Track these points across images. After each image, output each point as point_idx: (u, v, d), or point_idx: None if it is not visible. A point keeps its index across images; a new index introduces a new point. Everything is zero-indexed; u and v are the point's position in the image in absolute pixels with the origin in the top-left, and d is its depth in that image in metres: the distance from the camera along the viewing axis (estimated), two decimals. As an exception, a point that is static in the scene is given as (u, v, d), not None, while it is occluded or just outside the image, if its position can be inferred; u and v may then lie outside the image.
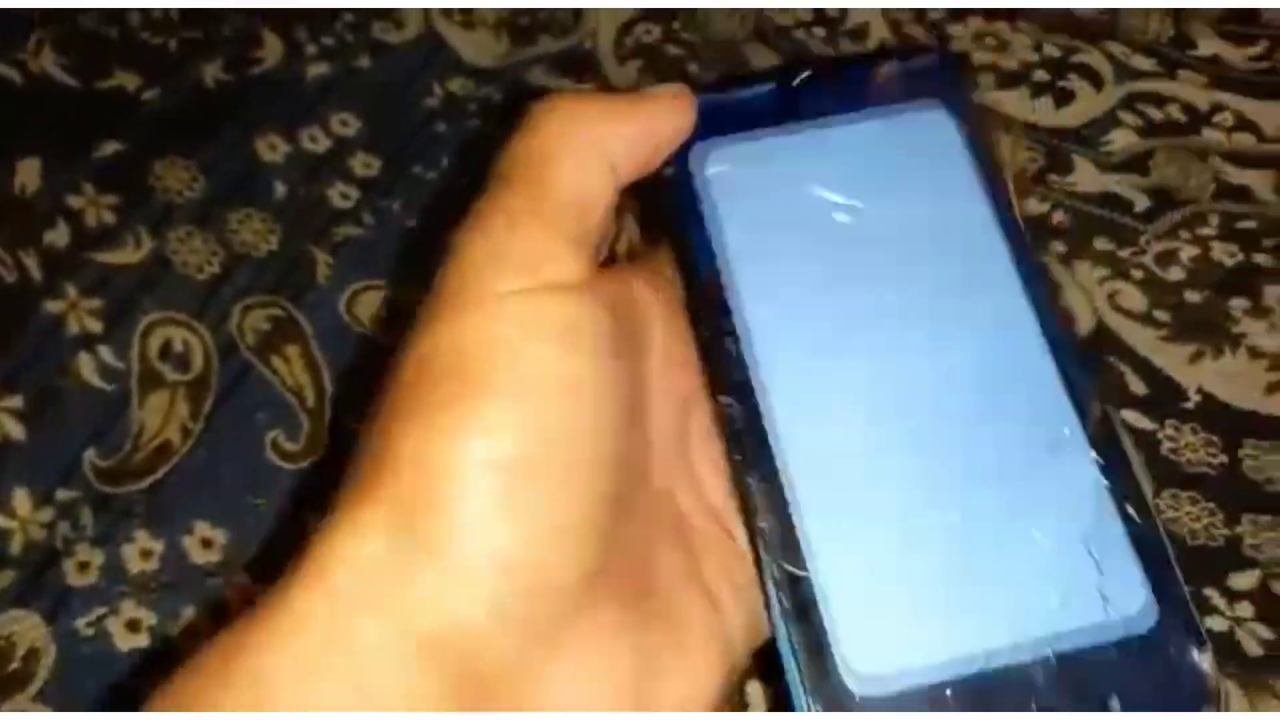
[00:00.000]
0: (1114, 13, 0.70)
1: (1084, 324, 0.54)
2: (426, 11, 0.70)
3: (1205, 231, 0.59)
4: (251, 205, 0.58)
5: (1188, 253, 0.58)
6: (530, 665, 0.19)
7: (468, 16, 0.71)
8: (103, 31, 0.65)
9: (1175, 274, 0.57)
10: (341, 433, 0.49)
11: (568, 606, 0.19)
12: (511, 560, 0.18)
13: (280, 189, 0.59)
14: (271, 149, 0.61)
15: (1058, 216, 0.59)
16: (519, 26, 0.71)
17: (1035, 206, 0.59)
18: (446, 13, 0.70)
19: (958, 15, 0.70)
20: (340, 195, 0.59)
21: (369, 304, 0.54)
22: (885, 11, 0.70)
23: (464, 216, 0.22)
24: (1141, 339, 0.54)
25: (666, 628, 0.21)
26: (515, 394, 0.19)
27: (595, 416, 0.20)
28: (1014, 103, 0.65)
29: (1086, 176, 0.61)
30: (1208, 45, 0.68)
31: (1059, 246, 0.58)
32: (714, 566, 0.23)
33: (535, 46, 0.69)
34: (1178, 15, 0.69)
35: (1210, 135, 0.63)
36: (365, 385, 0.22)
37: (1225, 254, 0.58)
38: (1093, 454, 0.22)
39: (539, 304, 0.20)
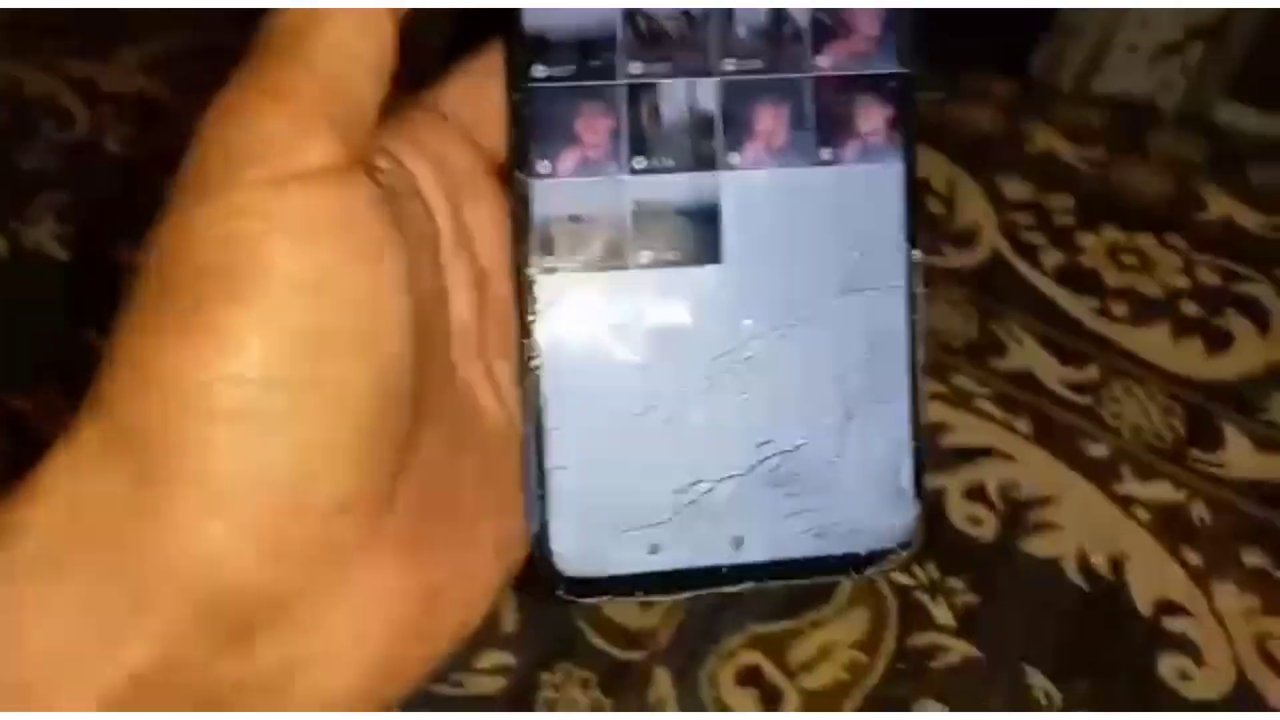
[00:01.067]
0: (1293, 228, 0.56)
1: (1219, 683, 0.41)
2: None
3: (1402, 552, 0.44)
4: None
5: (1376, 583, 0.43)
6: (302, 594, 0.18)
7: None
8: None
9: (1357, 614, 0.42)
10: None
11: (345, 530, 0.18)
12: (266, 485, 0.17)
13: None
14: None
15: (1195, 512, 0.46)
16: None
17: (1165, 492, 0.47)
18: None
19: (1091, 224, 0.58)
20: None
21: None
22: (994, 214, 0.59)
23: (225, 87, 0.19)
24: (1299, 712, 0.40)
25: (460, 546, 0.21)
26: (258, 299, 0.17)
27: (358, 318, 0.18)
28: (1151, 342, 0.52)
29: (1240, 455, 0.48)
30: None
31: (1191, 556, 0.44)
32: (509, 467, 0.22)
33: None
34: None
35: None
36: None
37: None
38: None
39: (285, 194, 0.18)
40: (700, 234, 0.23)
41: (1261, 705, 0.40)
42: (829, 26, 0.23)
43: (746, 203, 0.23)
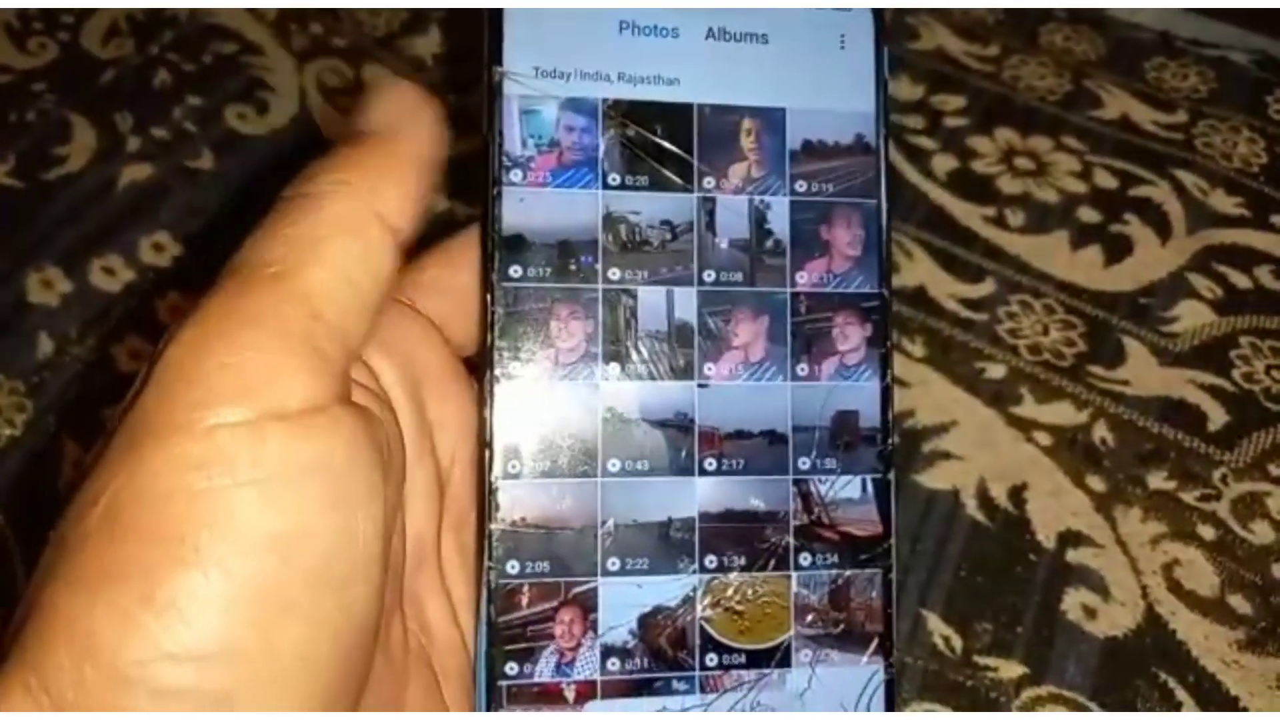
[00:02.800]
0: (1189, 125, 0.53)
1: (1125, 616, 0.38)
2: (301, 86, 0.55)
3: (1307, 466, 0.42)
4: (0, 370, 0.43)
5: (1281, 500, 0.41)
6: None
7: (357, 98, 0.55)
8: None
9: (1263, 535, 0.40)
10: None
11: None
12: None
13: (47, 345, 0.44)
14: (46, 286, 0.46)
15: (1098, 434, 0.43)
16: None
17: (1066, 414, 0.43)
18: (328, 91, 0.55)
19: (984, 125, 0.53)
20: (131, 355, 0.44)
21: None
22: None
23: (194, 310, 0.17)
24: (1207, 644, 0.37)
25: None
26: (217, 563, 0.16)
27: (326, 575, 0.17)
28: (1046, 251, 0.49)
29: (1142, 371, 0.45)
30: (1315, 177, 0.51)
31: (1095, 482, 0.41)
32: (455, 689, 0.22)
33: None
34: (1272, 138, 0.52)
35: (1316, 313, 0.46)
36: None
37: (1335, 506, 0.41)
38: None
39: (262, 440, 0.16)
40: (673, 449, 0.22)
41: (1169, 638, 0.37)
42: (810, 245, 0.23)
43: (720, 412, 0.22)
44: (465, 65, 0.55)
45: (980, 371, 0.44)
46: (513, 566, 0.21)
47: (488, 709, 0.21)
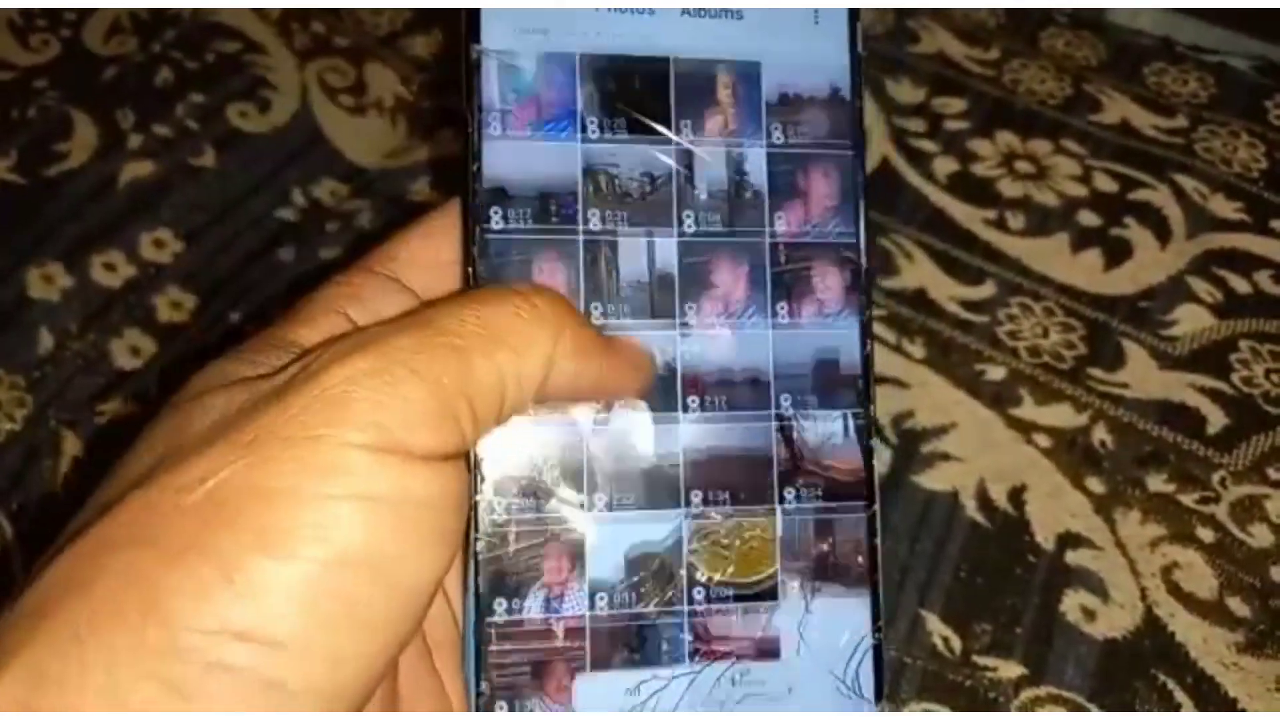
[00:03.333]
0: (1189, 130, 0.53)
1: (1124, 618, 0.38)
2: (303, 84, 0.55)
3: (1306, 470, 0.42)
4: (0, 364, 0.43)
5: (1279, 504, 0.41)
6: None
7: (359, 96, 0.56)
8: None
9: (1262, 538, 0.40)
10: None
11: None
12: None
13: (47, 339, 0.44)
14: (47, 281, 0.46)
15: (1097, 436, 0.43)
16: (420, 111, 0.56)
17: (1066, 416, 0.43)
18: (330, 90, 0.55)
19: (985, 129, 0.53)
20: (130, 351, 0.44)
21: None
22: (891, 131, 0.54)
23: (366, 341, 0.19)
24: (1206, 646, 0.37)
25: None
26: (305, 559, 0.17)
27: (396, 602, 0.18)
28: (1046, 254, 0.49)
29: (1141, 374, 0.45)
30: (1314, 182, 0.51)
31: (1095, 484, 0.41)
32: (446, 659, 0.22)
33: (435, 142, 0.54)
34: (1271, 143, 0.52)
35: (1315, 317, 0.46)
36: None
37: (1334, 509, 0.41)
38: None
39: (374, 463, 0.18)
40: (656, 391, 0.22)
41: (1168, 640, 0.37)
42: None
43: (702, 356, 0.23)
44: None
45: (980, 373, 0.44)
46: (500, 505, 0.22)
47: (477, 652, 0.21)
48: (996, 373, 0.44)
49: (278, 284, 0.47)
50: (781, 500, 0.23)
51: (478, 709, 0.21)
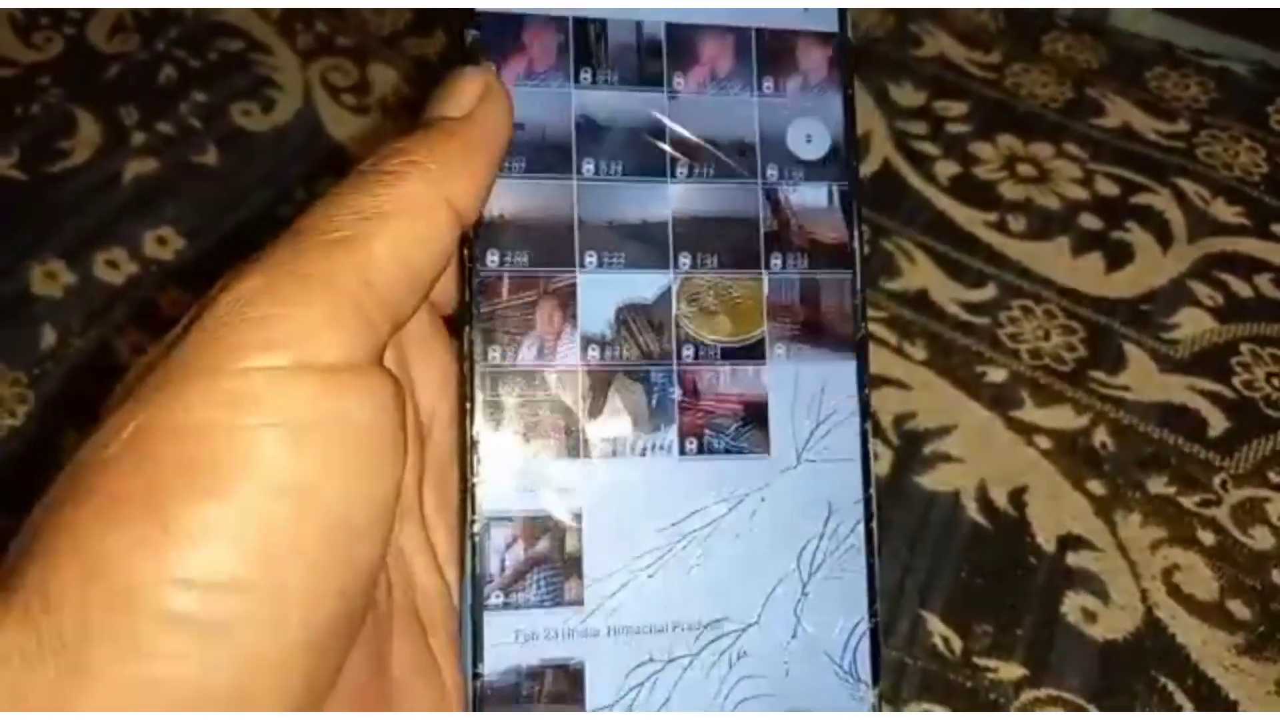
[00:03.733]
0: (1190, 134, 0.53)
1: (1124, 620, 0.38)
2: (306, 83, 0.55)
3: (1306, 473, 0.42)
4: (2, 360, 0.43)
5: (1280, 506, 0.41)
6: None
7: (362, 96, 0.56)
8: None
9: (1263, 540, 0.40)
10: None
11: None
12: (204, 694, 0.16)
13: (50, 336, 0.44)
14: (49, 278, 0.46)
15: (1098, 438, 0.43)
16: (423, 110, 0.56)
17: (1067, 418, 0.43)
18: (333, 89, 0.56)
19: (987, 132, 0.54)
20: (132, 348, 0.44)
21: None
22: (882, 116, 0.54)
23: (252, 261, 0.18)
24: (1206, 648, 0.37)
25: None
26: (234, 498, 0.16)
27: (341, 528, 0.17)
28: (1047, 257, 0.49)
29: (1142, 377, 0.45)
30: (1315, 187, 0.52)
31: (1096, 486, 0.41)
32: (443, 640, 0.22)
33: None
34: (1272, 148, 0.53)
35: (1316, 321, 0.46)
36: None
37: (1334, 512, 0.41)
38: None
39: (295, 384, 0.17)
40: (646, 154, 0.23)
41: (1169, 642, 0.37)
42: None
43: (690, 121, 0.23)
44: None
45: (981, 375, 0.44)
46: (493, 258, 0.22)
47: (475, 631, 0.21)
48: (998, 375, 0.44)
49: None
50: (768, 264, 0.23)
51: (474, 678, 0.21)
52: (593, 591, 0.22)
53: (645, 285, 0.23)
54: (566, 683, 0.22)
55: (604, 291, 0.23)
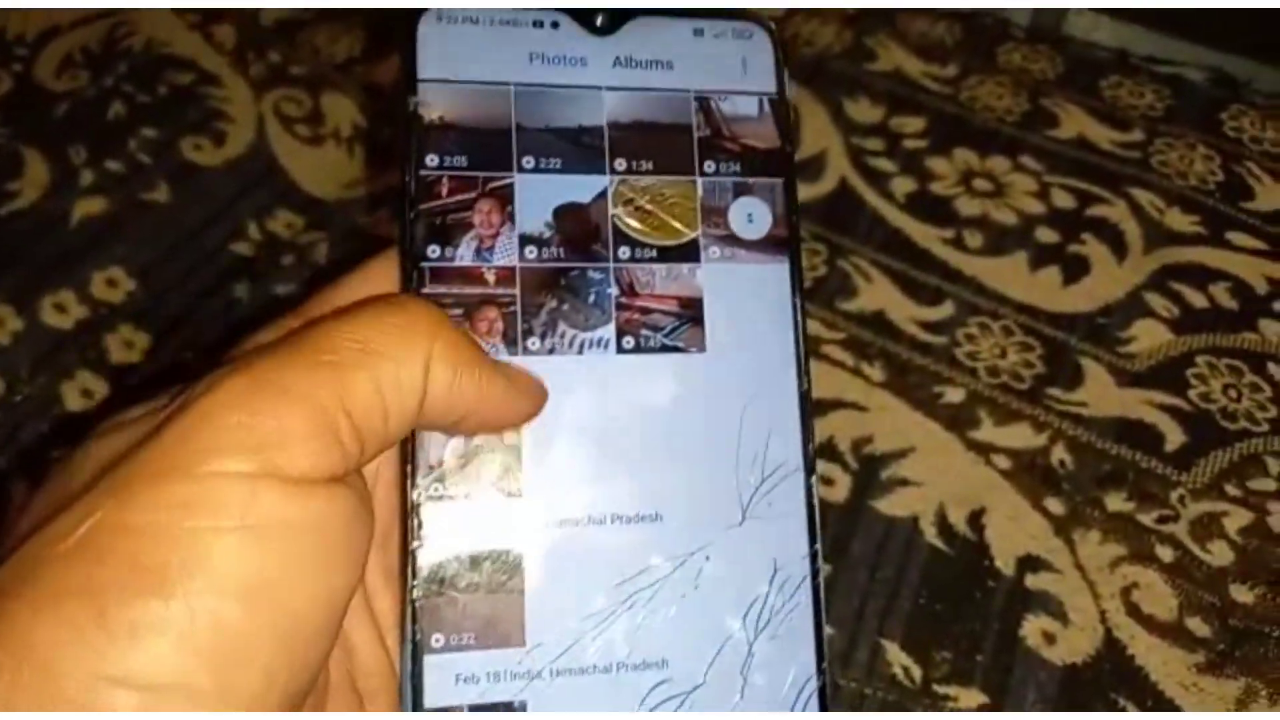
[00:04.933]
0: (1145, 144, 0.53)
1: (1084, 641, 0.38)
2: (259, 114, 0.55)
3: (1264, 485, 0.42)
4: (-52, 411, 0.43)
5: (1238, 520, 0.41)
6: None
7: (316, 126, 0.55)
8: None
9: (1221, 555, 0.40)
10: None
11: None
12: None
13: (-3, 384, 0.44)
14: (-4, 325, 0.46)
15: (1056, 456, 0.43)
16: (378, 139, 0.55)
17: (1025, 437, 0.43)
18: (286, 120, 0.55)
19: (943, 147, 0.53)
20: (82, 393, 0.44)
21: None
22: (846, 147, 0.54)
23: (239, 366, 0.18)
24: (1166, 668, 0.37)
25: None
26: (179, 596, 0.16)
27: (289, 630, 0.17)
28: (1004, 272, 0.49)
29: (1100, 393, 0.45)
30: (1271, 192, 0.52)
31: (1054, 505, 0.41)
32: (383, 707, 0.22)
33: (393, 171, 0.54)
34: (1227, 155, 0.53)
35: (1272, 330, 0.47)
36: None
37: (1291, 525, 0.41)
38: None
39: (247, 491, 0.17)
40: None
41: (1128, 663, 0.37)
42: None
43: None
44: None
45: (939, 395, 0.44)
46: (432, 160, 0.23)
47: (414, 699, 0.21)
48: (955, 394, 0.44)
49: (231, 321, 0.47)
50: (702, 170, 0.24)
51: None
52: (534, 655, 0.22)
53: (581, 188, 0.23)
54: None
55: (541, 193, 0.23)
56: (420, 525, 0.22)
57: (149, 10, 0.59)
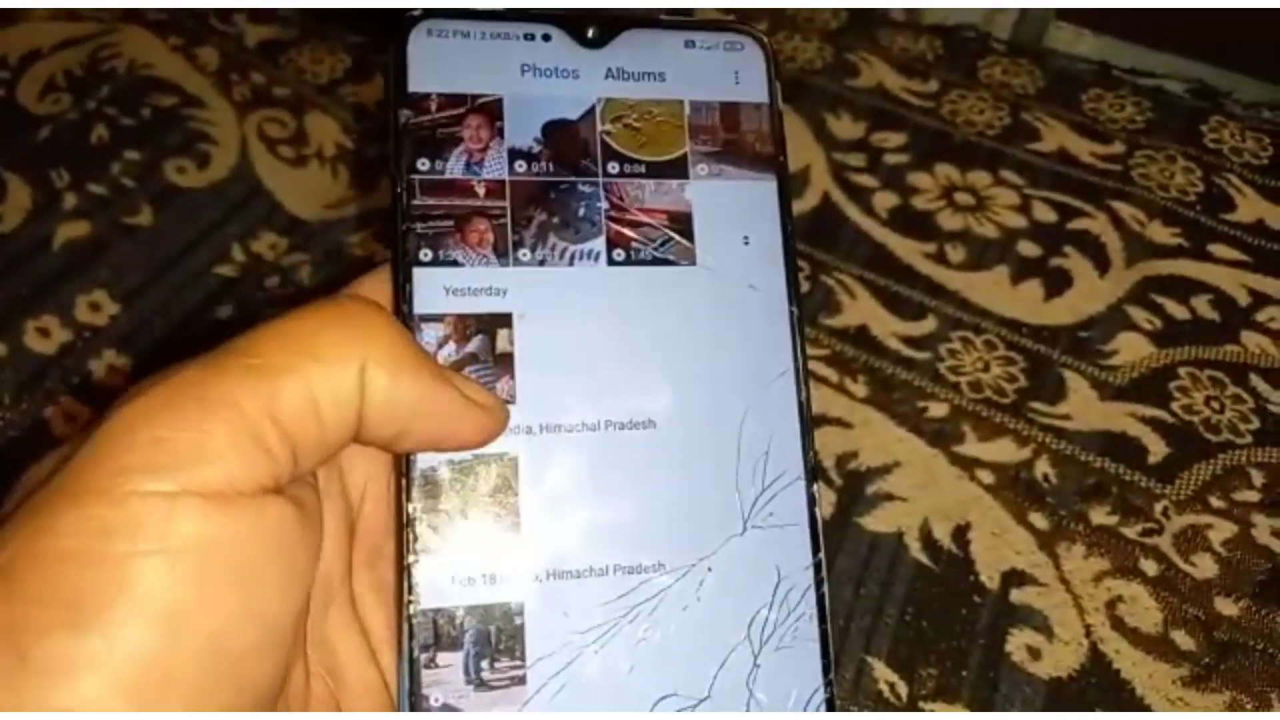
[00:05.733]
0: (1126, 156, 0.53)
1: (1069, 656, 0.38)
2: (242, 136, 0.55)
3: (1248, 497, 0.42)
4: (-71, 438, 0.42)
5: (1221, 532, 0.41)
6: None
7: (300, 147, 0.55)
8: None
9: (1205, 568, 0.40)
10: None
11: None
12: None
13: (-21, 410, 0.43)
14: (-22, 351, 0.46)
15: (1040, 470, 0.43)
16: (362, 160, 0.56)
17: (1008, 451, 0.43)
18: (270, 141, 0.55)
19: (925, 162, 0.54)
20: (65, 418, 0.44)
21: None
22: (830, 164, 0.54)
23: (157, 378, 0.17)
24: (1151, 681, 0.37)
25: None
26: (98, 629, 0.15)
27: (220, 652, 0.16)
28: (986, 287, 0.49)
29: (1083, 405, 0.45)
30: (1252, 204, 0.52)
31: (1038, 519, 0.41)
32: None
33: (376, 191, 0.54)
34: (1208, 167, 0.53)
35: (1253, 341, 0.47)
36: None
37: (1275, 534, 0.41)
38: None
39: (166, 512, 0.16)
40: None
41: (1113, 677, 0.37)
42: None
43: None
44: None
45: (923, 410, 0.44)
46: (421, 85, 0.23)
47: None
48: (939, 409, 0.44)
49: (216, 344, 0.47)
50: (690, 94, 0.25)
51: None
52: (536, 670, 0.22)
53: (570, 104, 0.24)
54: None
55: (531, 110, 0.23)
56: (416, 539, 0.21)
57: (132, 32, 0.59)
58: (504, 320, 0.22)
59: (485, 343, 0.22)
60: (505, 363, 0.22)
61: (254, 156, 0.54)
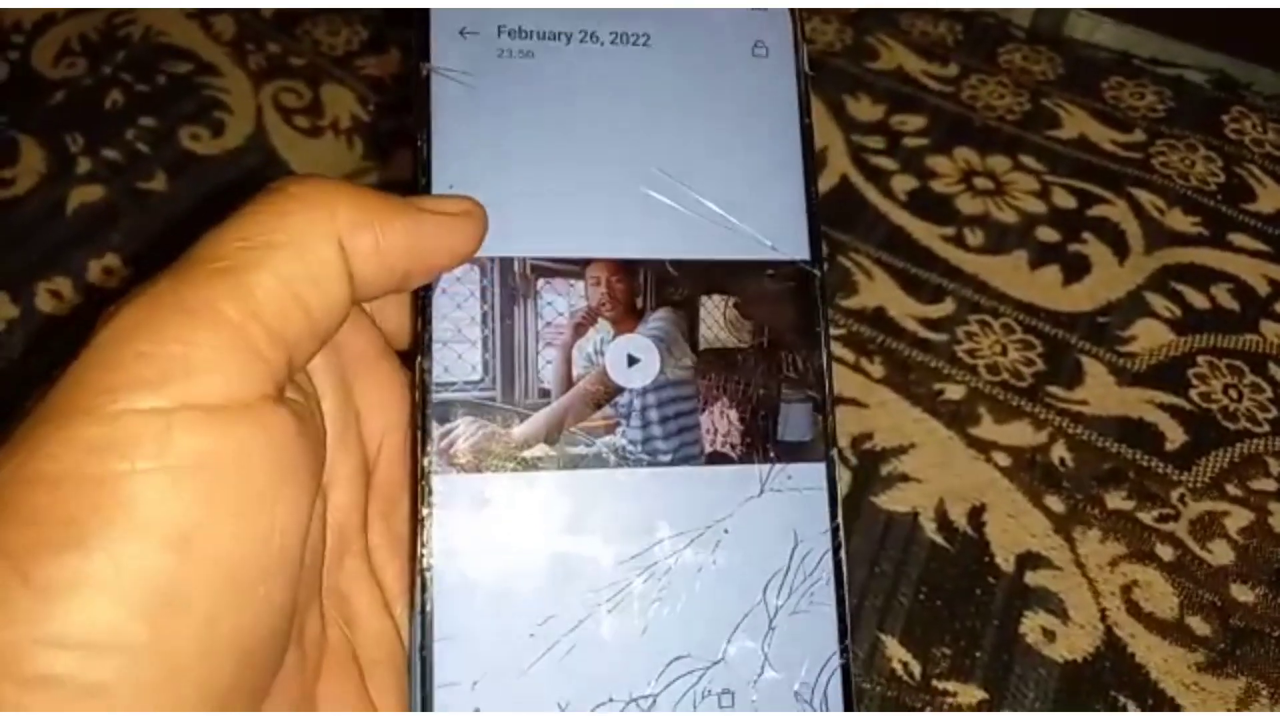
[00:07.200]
0: (1146, 144, 0.53)
1: (1084, 639, 0.38)
2: (258, 105, 0.55)
3: (1265, 485, 0.42)
4: (-60, 397, 0.42)
5: (1238, 520, 0.41)
6: None
7: (315, 118, 0.55)
8: None
9: (1222, 555, 0.40)
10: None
11: None
12: None
13: (-10, 371, 0.43)
14: (-10, 312, 0.45)
15: (1056, 454, 0.43)
16: (380, 133, 0.55)
17: (1025, 434, 0.43)
18: (286, 111, 0.55)
19: (944, 145, 0.53)
20: (76, 380, 0.43)
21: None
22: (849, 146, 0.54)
23: (133, 293, 0.16)
24: (1166, 666, 0.37)
25: None
26: (106, 550, 0.15)
27: (227, 575, 0.16)
28: (1005, 271, 0.49)
29: (1100, 391, 0.45)
30: (1273, 195, 0.52)
31: (1054, 503, 0.41)
32: (383, 682, 0.21)
33: (391, 163, 0.54)
34: (1229, 156, 0.53)
35: (1273, 331, 0.46)
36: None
37: (1292, 525, 0.41)
38: None
39: (162, 428, 0.15)
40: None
41: (1128, 661, 0.37)
42: None
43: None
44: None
45: (939, 392, 0.44)
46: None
47: (423, 672, 0.20)
48: (955, 391, 0.44)
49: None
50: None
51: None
52: (547, 629, 0.21)
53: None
54: None
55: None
56: (431, 493, 0.21)
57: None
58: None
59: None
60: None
61: (269, 126, 0.54)
